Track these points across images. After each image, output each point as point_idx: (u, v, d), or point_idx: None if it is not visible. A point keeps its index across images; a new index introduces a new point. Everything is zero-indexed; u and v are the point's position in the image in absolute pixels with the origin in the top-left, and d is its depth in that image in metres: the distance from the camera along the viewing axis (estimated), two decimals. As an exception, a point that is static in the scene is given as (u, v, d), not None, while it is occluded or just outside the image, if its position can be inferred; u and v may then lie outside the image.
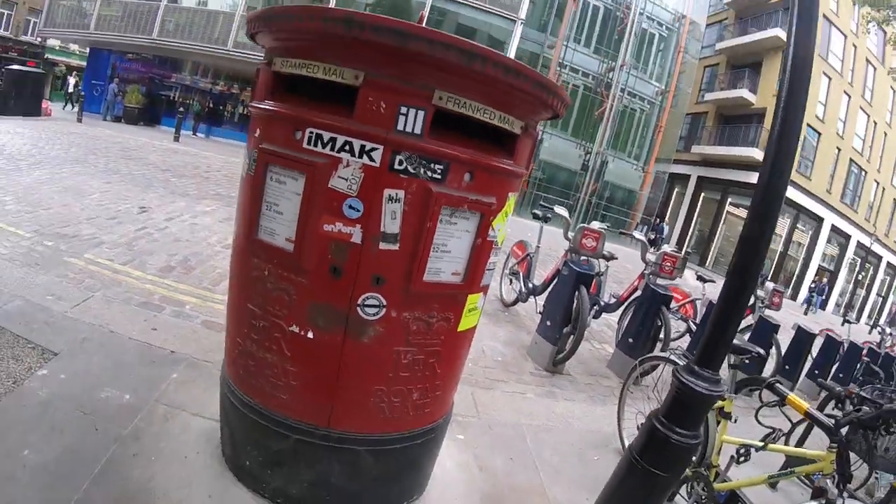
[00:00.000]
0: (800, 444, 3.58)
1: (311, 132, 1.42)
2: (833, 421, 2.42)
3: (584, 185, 21.98)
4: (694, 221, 27.59)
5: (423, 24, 1.66)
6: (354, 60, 1.38)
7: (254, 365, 1.67)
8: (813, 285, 24.09)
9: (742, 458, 2.56)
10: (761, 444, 2.58)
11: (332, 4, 17.48)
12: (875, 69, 25.77)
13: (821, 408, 3.75)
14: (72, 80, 24.46)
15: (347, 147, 1.39)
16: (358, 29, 1.31)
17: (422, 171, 1.41)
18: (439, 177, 1.44)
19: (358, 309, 1.50)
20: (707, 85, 28.33)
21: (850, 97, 25.24)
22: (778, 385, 2.58)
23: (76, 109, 16.67)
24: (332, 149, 1.40)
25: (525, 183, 20.40)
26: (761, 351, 2.85)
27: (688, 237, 27.22)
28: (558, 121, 20.77)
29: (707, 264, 24.41)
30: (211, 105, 20.36)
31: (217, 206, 7.04)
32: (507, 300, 5.96)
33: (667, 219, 26.96)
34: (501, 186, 1.62)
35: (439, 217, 1.47)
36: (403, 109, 1.36)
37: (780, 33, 22.73)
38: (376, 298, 1.50)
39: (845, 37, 24.69)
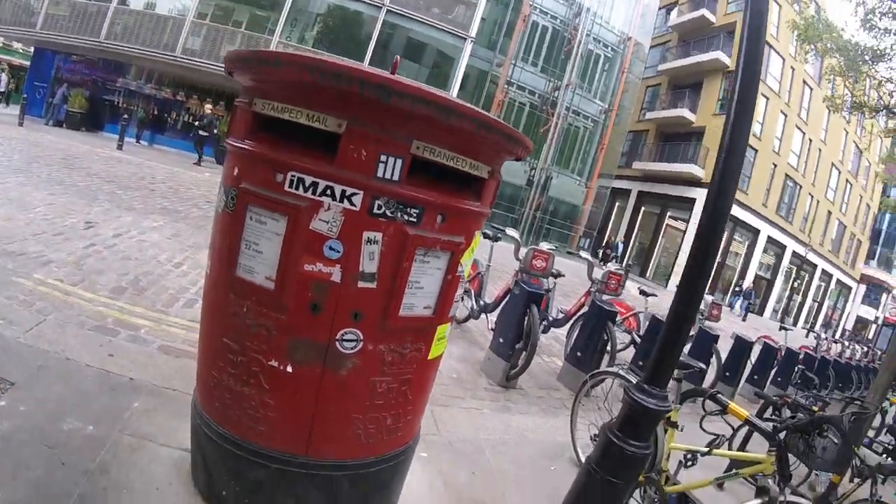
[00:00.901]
0: (742, 446, 3.84)
1: (294, 176, 1.48)
2: (771, 427, 2.64)
3: (529, 199, 22.59)
4: (634, 234, 28.72)
5: (396, 72, 1.77)
6: (339, 110, 1.46)
7: (230, 397, 1.71)
8: (738, 289, 25.12)
9: (689, 463, 2.81)
10: (706, 449, 2.82)
11: (282, 18, 17.39)
12: (812, 90, 27.52)
13: (760, 413, 4.01)
14: (3, 78, 23.16)
15: (329, 191, 1.46)
16: (346, 83, 1.38)
17: (399, 214, 1.50)
18: (415, 220, 1.53)
19: (337, 343, 1.57)
20: (649, 104, 29.68)
21: (786, 116, 26.87)
22: (719, 395, 2.80)
23: (8, 108, 15.78)
24: (314, 192, 1.47)
25: None
26: (702, 366, 3.09)
27: (629, 250, 28.22)
28: None
29: (648, 275, 25.41)
30: (155, 112, 19.55)
31: (164, 222, 6.87)
32: (459, 317, 6.02)
33: (621, 236, 27.86)
34: (469, 226, 1.74)
35: (414, 257, 1.56)
36: (383, 157, 1.45)
37: (721, 56, 24.02)
38: (354, 333, 1.58)
39: (784, 60, 26.29)
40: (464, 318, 5.94)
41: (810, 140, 28.86)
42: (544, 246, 5.23)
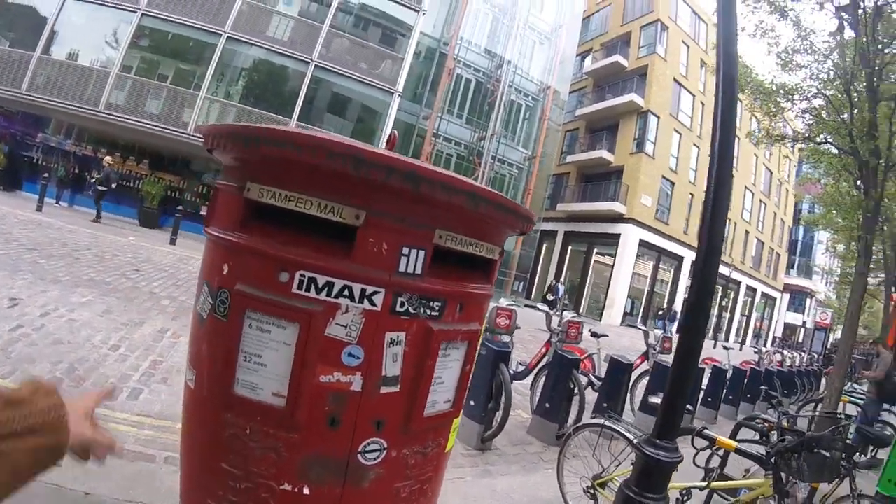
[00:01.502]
0: (720, 472, 3.95)
1: (303, 275, 1.29)
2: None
3: None
4: (564, 273, 29.60)
5: (394, 146, 1.66)
6: (358, 199, 1.30)
7: (236, 531, 1.45)
8: (661, 312, 25.76)
9: (686, 499, 2.92)
10: (704, 484, 3.03)
11: (209, 72, 17.05)
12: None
13: (732, 436, 4.12)
14: None
15: (347, 292, 1.29)
16: (368, 170, 1.23)
17: (422, 310, 1.36)
18: (437, 314, 1.40)
19: (359, 456, 1.38)
20: (568, 147, 31.24)
21: (699, 148, 28.85)
22: (706, 430, 2.95)
23: None
24: (329, 294, 1.29)
25: None
26: (689, 406, 3.12)
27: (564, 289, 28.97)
28: None
29: (581, 311, 26.09)
30: (76, 170, 18.27)
31: (94, 296, 6.32)
32: None
33: (562, 279, 28.46)
34: (482, 310, 1.64)
35: (438, 352, 1.43)
36: (405, 250, 1.31)
37: (635, 98, 25.66)
38: (378, 443, 1.39)
39: (693, 96, 28.37)
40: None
41: (723, 168, 31.01)
42: (504, 302, 5.25)
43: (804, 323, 41.36)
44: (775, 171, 35.62)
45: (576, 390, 4.88)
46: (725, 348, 9.77)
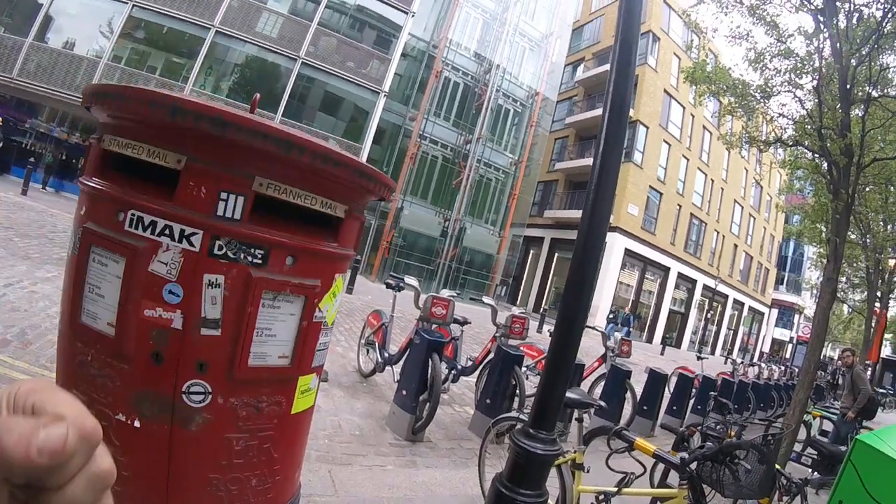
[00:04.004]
0: (662, 481, 3.82)
1: (134, 214, 1.39)
2: (680, 459, 2.60)
3: (444, 250, 22.96)
4: (550, 280, 29.61)
5: (255, 109, 1.72)
6: (177, 145, 1.39)
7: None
8: (611, 315, 24.54)
9: None
10: (616, 489, 2.74)
11: (197, 65, 17.14)
12: (711, 134, 29.87)
13: (677, 445, 4.04)
14: None
15: (168, 231, 1.37)
16: (181, 116, 1.33)
17: (242, 255, 1.42)
18: (260, 261, 1.45)
19: (183, 396, 1.45)
20: (557, 155, 31.25)
21: (688, 160, 28.98)
22: (625, 432, 2.78)
23: None
24: (153, 232, 1.38)
25: (386, 249, 20.92)
26: (601, 403, 3.12)
27: (545, 295, 29.06)
28: (418, 189, 21.83)
29: None
30: (64, 157, 18.48)
31: (59, 273, 6.38)
32: (364, 370, 5.87)
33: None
34: (326, 269, 1.65)
35: (261, 301, 1.47)
36: (224, 195, 1.38)
37: (627, 108, 25.74)
38: (201, 385, 1.46)
39: (683, 108, 28.52)
40: (370, 372, 5.77)
41: (712, 181, 31.23)
42: (444, 293, 5.21)
43: (791, 339, 41.44)
44: (765, 186, 35.84)
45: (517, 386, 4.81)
46: (700, 357, 9.64)
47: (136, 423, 1.46)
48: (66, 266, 1.61)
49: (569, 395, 2.68)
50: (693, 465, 2.61)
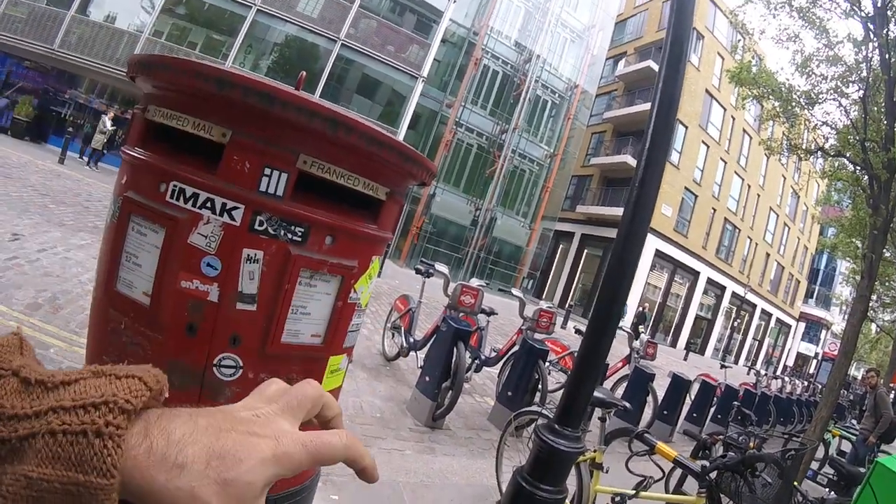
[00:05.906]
0: (678, 487, 3.80)
1: (176, 185, 1.40)
2: (701, 467, 2.60)
3: (474, 239, 23.00)
4: (578, 276, 29.33)
5: (301, 87, 1.71)
6: (223, 118, 1.39)
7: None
8: (635, 319, 22.52)
9: None
10: (633, 492, 2.74)
11: (237, 43, 17.32)
12: (751, 138, 29.17)
13: (696, 452, 3.99)
14: None
15: (209, 204, 1.37)
16: (229, 89, 1.33)
17: (282, 232, 1.42)
18: (300, 239, 1.45)
19: (214, 369, 1.46)
20: (594, 150, 30.86)
21: (725, 163, 28.30)
22: (647, 435, 2.76)
23: None
24: (194, 204, 1.38)
25: (415, 235, 20.95)
26: (626, 404, 3.06)
27: (572, 291, 28.79)
28: (451, 176, 21.76)
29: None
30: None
31: (93, 241, 6.58)
32: (389, 354, 5.91)
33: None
34: (364, 250, 1.64)
35: (298, 279, 1.47)
36: (267, 171, 1.37)
37: (665, 104, 25.25)
38: (233, 359, 1.47)
39: (724, 110, 27.84)
40: (394, 356, 5.81)
41: (749, 186, 30.48)
42: (474, 282, 5.21)
43: (817, 354, 40.41)
44: (802, 195, 34.81)
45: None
46: (724, 366, 9.57)
47: (165, 394, 1.48)
48: (104, 234, 1.63)
49: (595, 394, 2.75)
50: (713, 475, 2.59)
